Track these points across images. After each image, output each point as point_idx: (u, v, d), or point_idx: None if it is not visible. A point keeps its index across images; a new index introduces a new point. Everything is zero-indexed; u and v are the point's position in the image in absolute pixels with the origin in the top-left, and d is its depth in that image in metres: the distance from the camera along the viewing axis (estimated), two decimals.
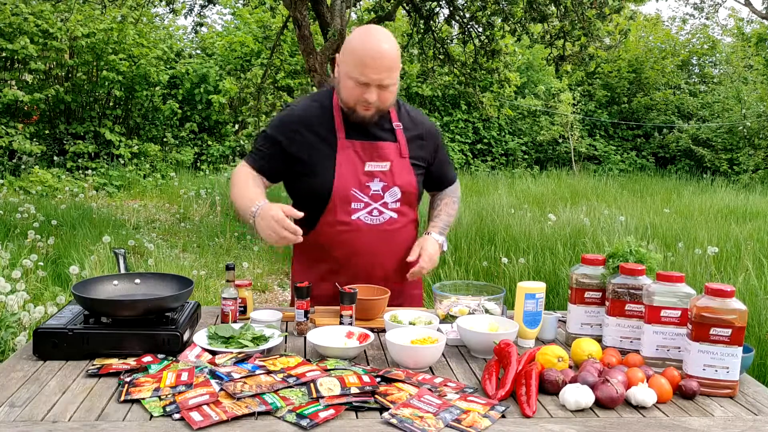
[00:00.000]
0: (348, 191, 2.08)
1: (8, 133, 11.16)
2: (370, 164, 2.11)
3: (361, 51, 1.97)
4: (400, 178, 2.14)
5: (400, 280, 2.22)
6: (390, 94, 2.03)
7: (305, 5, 7.41)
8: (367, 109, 2.03)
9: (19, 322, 3.45)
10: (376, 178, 2.12)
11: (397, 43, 2.04)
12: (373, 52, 1.96)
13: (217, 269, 6.26)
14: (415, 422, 1.36)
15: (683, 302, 1.68)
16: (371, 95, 1.99)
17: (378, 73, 1.96)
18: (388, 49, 1.97)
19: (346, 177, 2.08)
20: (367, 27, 2.05)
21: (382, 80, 1.98)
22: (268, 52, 11.35)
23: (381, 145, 2.12)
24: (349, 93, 2.02)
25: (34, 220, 7.25)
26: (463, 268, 5.58)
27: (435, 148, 2.26)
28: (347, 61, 2.00)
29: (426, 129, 2.24)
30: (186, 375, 1.55)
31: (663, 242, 6.37)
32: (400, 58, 2.03)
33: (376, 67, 1.95)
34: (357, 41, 2.00)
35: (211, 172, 13.06)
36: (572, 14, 7.75)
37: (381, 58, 1.96)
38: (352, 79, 1.99)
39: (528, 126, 15.94)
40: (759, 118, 14.70)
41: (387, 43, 1.98)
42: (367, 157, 2.10)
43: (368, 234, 2.11)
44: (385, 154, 2.12)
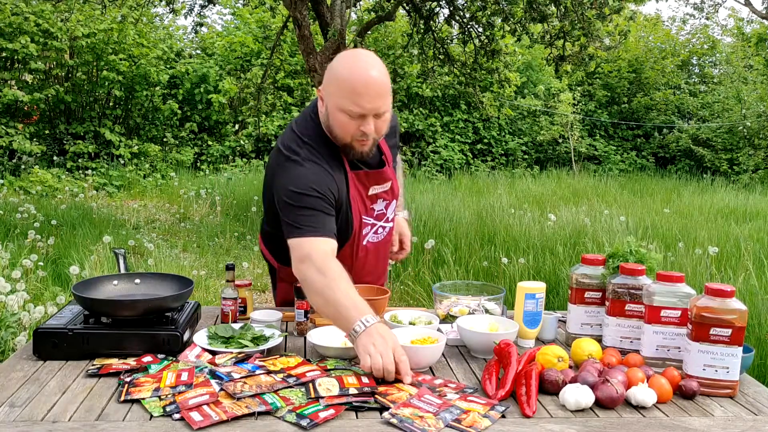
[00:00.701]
0: (361, 220, 2.00)
1: (8, 133, 11.16)
2: (374, 188, 2.02)
3: (353, 80, 1.75)
4: (395, 188, 2.11)
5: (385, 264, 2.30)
6: (385, 122, 1.84)
7: (305, 5, 7.41)
8: (363, 145, 1.84)
9: (19, 322, 3.45)
10: (379, 199, 2.05)
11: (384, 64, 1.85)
12: (365, 79, 1.74)
13: (217, 269, 6.26)
14: (415, 422, 1.36)
15: (683, 302, 1.68)
16: (368, 126, 1.79)
17: (373, 101, 1.76)
18: (378, 74, 1.76)
19: (358, 208, 1.99)
20: (351, 52, 1.84)
21: (378, 108, 1.78)
22: (268, 52, 11.35)
23: (383, 171, 2.03)
24: (343, 129, 1.81)
25: (34, 220, 7.25)
26: (463, 268, 5.58)
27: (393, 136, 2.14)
28: (337, 94, 1.78)
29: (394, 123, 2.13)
30: (186, 375, 1.55)
31: (663, 242, 6.37)
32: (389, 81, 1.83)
33: (371, 94, 1.75)
34: (344, 69, 1.78)
35: (211, 172, 13.06)
36: (572, 14, 7.75)
37: (374, 85, 1.75)
38: (345, 113, 1.78)
39: (528, 126, 15.94)
40: (759, 118, 14.70)
41: (376, 68, 1.77)
42: (370, 182, 2.00)
43: (373, 251, 2.11)
44: (386, 176, 2.05)
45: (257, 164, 13.39)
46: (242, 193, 10.01)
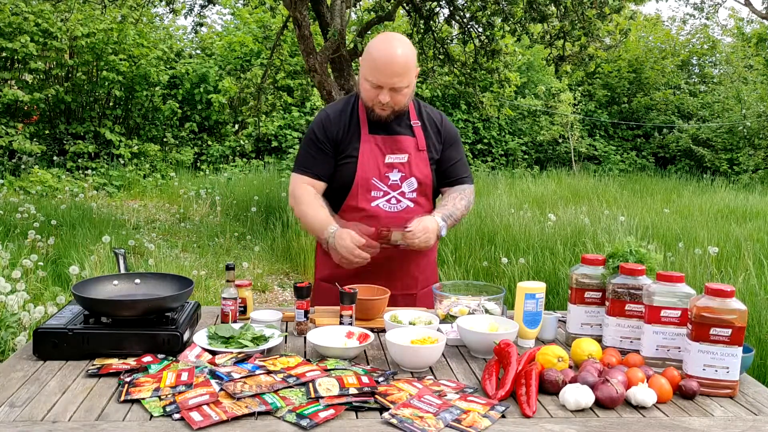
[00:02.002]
0: (369, 180, 2.25)
1: (8, 133, 11.16)
2: (390, 156, 2.27)
3: (376, 56, 2.13)
4: (417, 169, 2.29)
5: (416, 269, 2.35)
6: (402, 96, 2.19)
7: (305, 5, 7.41)
8: (383, 110, 2.20)
9: (19, 322, 3.45)
10: (395, 169, 2.28)
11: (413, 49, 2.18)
12: (387, 57, 2.12)
13: (217, 269, 6.26)
14: (415, 422, 1.36)
15: (683, 302, 1.68)
16: (384, 97, 2.15)
17: (389, 77, 2.12)
18: (401, 55, 2.12)
19: (368, 167, 2.25)
20: (386, 34, 2.23)
21: (394, 84, 2.14)
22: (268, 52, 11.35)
23: (400, 138, 2.29)
24: (366, 94, 2.21)
25: (34, 220, 7.25)
26: (463, 268, 5.58)
27: (447, 144, 2.37)
28: (365, 66, 2.18)
29: (443, 125, 2.38)
30: (186, 375, 1.55)
31: (663, 242, 6.36)
32: (414, 63, 2.17)
33: (387, 72, 2.11)
34: (374, 47, 2.16)
35: (211, 172, 13.06)
36: (572, 14, 7.75)
37: (393, 64, 2.11)
38: (368, 82, 2.17)
39: (528, 126, 15.94)
40: (759, 118, 14.70)
41: (401, 49, 2.13)
42: (387, 149, 2.27)
43: (386, 220, 2.23)
44: (404, 147, 2.28)
45: (257, 164, 13.39)
46: (242, 193, 10.01)
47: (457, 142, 2.41)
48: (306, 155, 2.31)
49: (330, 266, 2.32)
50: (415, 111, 2.34)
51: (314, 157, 2.29)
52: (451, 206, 2.32)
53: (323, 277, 2.38)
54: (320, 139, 2.28)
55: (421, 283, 2.38)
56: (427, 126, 2.34)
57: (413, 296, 2.36)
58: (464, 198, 2.38)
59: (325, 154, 2.28)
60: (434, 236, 2.20)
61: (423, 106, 2.39)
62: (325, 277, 2.36)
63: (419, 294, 2.37)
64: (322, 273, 2.40)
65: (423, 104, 2.39)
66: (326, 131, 2.28)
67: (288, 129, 14.05)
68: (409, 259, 2.32)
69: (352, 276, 2.24)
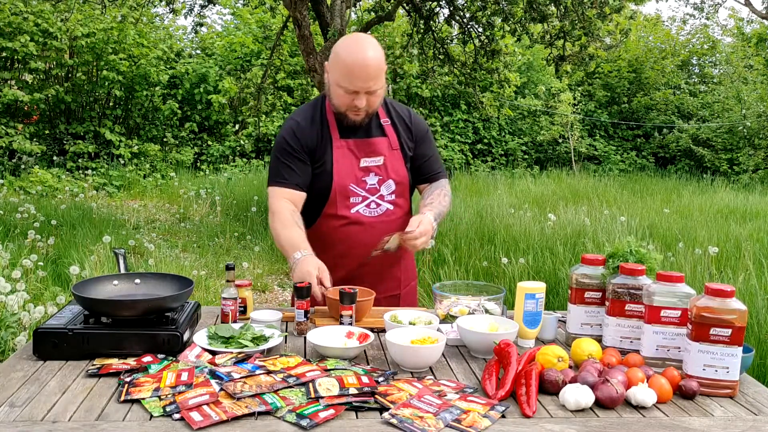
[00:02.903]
0: (346, 186, 2.21)
1: (8, 133, 11.16)
2: (365, 160, 2.23)
3: (350, 61, 2.07)
4: (393, 171, 2.26)
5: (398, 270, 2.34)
6: (377, 98, 2.15)
7: (305, 5, 7.41)
8: (357, 115, 2.15)
9: (19, 322, 3.46)
10: (371, 173, 2.24)
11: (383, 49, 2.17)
12: (361, 61, 2.06)
13: (217, 269, 6.26)
14: (415, 422, 1.36)
15: (683, 302, 1.68)
16: (360, 101, 2.11)
17: (365, 81, 2.08)
18: (373, 57, 2.08)
19: (344, 173, 2.20)
20: (353, 36, 2.17)
21: (370, 87, 2.09)
22: (268, 52, 11.35)
23: (373, 141, 2.24)
24: (339, 100, 2.14)
25: (34, 220, 7.25)
26: (463, 268, 5.58)
27: (418, 140, 2.34)
28: (336, 71, 2.11)
29: (412, 121, 2.34)
30: (186, 375, 1.55)
31: (663, 242, 6.37)
32: (384, 61, 2.14)
33: (362, 76, 2.07)
34: (344, 52, 2.09)
35: (211, 172, 13.06)
36: (572, 14, 7.75)
37: (368, 67, 2.07)
38: (342, 88, 2.10)
39: (528, 126, 15.94)
40: (759, 118, 14.69)
41: (372, 51, 2.08)
42: (361, 153, 2.23)
43: (368, 226, 2.21)
44: (378, 149, 2.25)
45: (257, 164, 13.39)
46: (242, 193, 10.00)
47: (427, 137, 2.38)
48: (281, 166, 2.21)
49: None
50: (383, 110, 2.30)
51: (290, 167, 2.20)
52: (437, 204, 2.30)
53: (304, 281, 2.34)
54: (294, 148, 2.20)
55: (403, 283, 2.38)
56: (396, 123, 2.30)
57: (397, 297, 2.36)
58: (447, 194, 2.36)
59: (301, 162, 2.20)
60: (430, 235, 2.18)
61: (390, 103, 2.35)
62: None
63: (402, 294, 2.37)
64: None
65: (390, 101, 2.36)
66: (299, 139, 2.21)
67: None
68: (393, 262, 2.31)
69: (339, 281, 2.20)
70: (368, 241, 2.21)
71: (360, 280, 2.23)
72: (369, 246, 2.21)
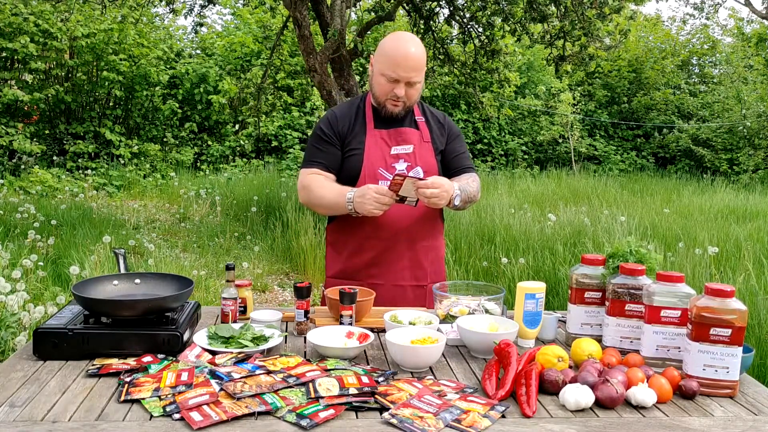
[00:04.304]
0: (375, 170, 2.32)
1: (8, 133, 11.16)
2: (395, 148, 2.36)
3: (395, 52, 2.24)
4: (422, 159, 2.37)
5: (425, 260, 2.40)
6: (416, 91, 2.31)
7: (305, 5, 7.41)
8: (395, 105, 2.30)
9: (19, 322, 3.45)
10: (401, 159, 2.35)
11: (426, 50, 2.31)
12: (404, 53, 2.24)
13: (217, 269, 6.26)
14: (415, 422, 1.36)
15: (683, 302, 1.68)
16: (400, 90, 2.26)
17: (407, 71, 2.23)
18: (416, 52, 2.25)
19: (374, 158, 2.33)
20: (399, 33, 2.35)
21: (411, 78, 2.25)
22: (268, 52, 11.34)
23: (404, 130, 2.38)
24: (381, 89, 2.29)
25: (34, 220, 7.25)
26: (463, 268, 5.58)
27: (450, 138, 2.47)
28: (381, 61, 2.28)
29: (445, 122, 2.49)
30: (186, 375, 1.55)
31: (663, 242, 6.37)
32: (426, 59, 2.31)
33: (405, 66, 2.23)
34: (390, 44, 2.28)
35: (211, 172, 13.06)
36: (572, 14, 7.75)
37: (411, 58, 2.23)
38: (385, 77, 2.26)
39: (528, 126, 15.94)
40: (759, 118, 14.69)
41: (416, 47, 2.26)
42: (392, 142, 2.36)
43: (394, 209, 2.24)
44: (409, 138, 2.37)
45: (257, 164, 13.39)
46: (242, 193, 10.00)
47: (460, 138, 2.50)
48: (313, 150, 2.38)
49: (340, 262, 2.40)
50: (419, 109, 2.44)
51: (321, 150, 2.35)
52: (464, 182, 2.37)
53: (334, 274, 2.42)
54: (327, 134, 2.36)
55: (431, 276, 2.42)
56: (430, 122, 2.44)
57: (423, 288, 2.40)
58: (475, 181, 2.44)
59: (332, 146, 2.35)
60: (447, 196, 2.20)
61: (426, 106, 2.49)
62: (336, 273, 2.42)
63: (429, 287, 2.39)
64: (332, 269, 2.44)
65: (425, 105, 2.50)
66: (333, 127, 2.36)
67: (288, 129, 14.05)
68: (416, 247, 2.37)
69: (363, 268, 2.33)
70: (394, 221, 2.31)
71: (386, 265, 2.33)
72: (394, 227, 2.32)
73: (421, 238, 2.38)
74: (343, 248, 2.40)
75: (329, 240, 2.49)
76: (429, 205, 2.21)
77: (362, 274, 2.35)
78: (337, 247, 2.43)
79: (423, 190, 2.14)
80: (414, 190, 2.14)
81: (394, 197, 2.16)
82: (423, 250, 2.39)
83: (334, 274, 2.43)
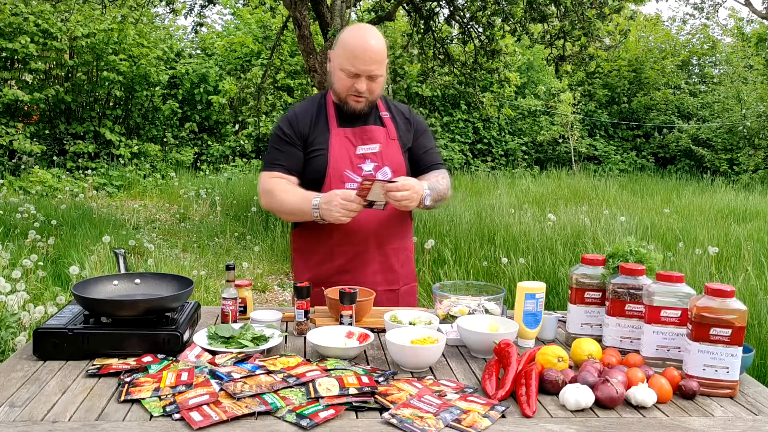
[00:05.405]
0: (341, 172, 2.23)
1: (8, 133, 11.16)
2: (361, 147, 2.26)
3: (353, 45, 2.15)
4: (389, 158, 2.28)
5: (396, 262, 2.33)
6: (377, 85, 2.21)
7: (305, 5, 7.41)
8: (357, 101, 2.21)
9: (19, 322, 3.45)
10: (367, 159, 2.26)
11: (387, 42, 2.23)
12: (364, 45, 2.14)
13: (217, 269, 6.26)
14: (415, 422, 1.36)
15: (683, 302, 1.68)
16: (361, 85, 2.17)
17: (367, 64, 2.14)
18: (376, 44, 2.16)
19: (339, 158, 2.23)
20: (357, 25, 2.29)
21: (372, 71, 2.16)
22: (268, 52, 11.35)
23: (370, 128, 2.28)
24: (341, 84, 2.20)
25: (34, 220, 7.25)
26: (463, 268, 5.58)
27: (417, 133, 2.38)
28: (339, 55, 2.18)
29: (411, 117, 2.40)
30: (186, 375, 1.55)
31: (663, 242, 6.37)
32: (386, 52, 2.21)
33: (365, 59, 2.14)
34: (349, 37, 2.19)
35: (211, 172, 13.06)
36: (572, 14, 7.75)
37: (371, 51, 2.14)
38: (344, 71, 2.16)
39: (528, 126, 15.94)
40: (759, 118, 14.70)
41: (375, 39, 2.17)
42: (358, 141, 2.26)
43: (362, 212, 2.12)
44: (375, 136, 2.28)
45: (257, 164, 13.38)
46: (242, 193, 10.00)
47: (427, 132, 2.41)
48: (273, 152, 2.27)
49: (309, 269, 2.30)
50: (383, 104, 2.34)
51: (282, 152, 2.25)
52: (433, 180, 2.28)
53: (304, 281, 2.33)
54: (287, 134, 2.26)
55: (402, 279, 2.36)
56: (396, 117, 2.34)
57: (395, 292, 2.34)
58: (445, 178, 2.35)
59: (293, 147, 2.25)
60: (417, 198, 2.12)
61: (390, 101, 2.40)
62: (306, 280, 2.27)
63: (401, 291, 2.34)
64: (302, 278, 2.34)
65: (390, 99, 2.40)
66: (293, 127, 2.26)
67: None
68: (387, 250, 2.29)
69: (334, 275, 2.24)
70: (363, 225, 2.21)
71: (358, 270, 2.24)
72: (364, 231, 2.23)
73: (392, 240, 2.30)
74: (312, 255, 2.31)
75: (295, 246, 2.38)
76: (399, 208, 2.13)
77: (333, 281, 2.23)
78: (304, 254, 2.34)
79: (393, 193, 2.05)
80: (383, 193, 2.05)
81: (362, 203, 2.06)
82: (393, 252, 2.32)
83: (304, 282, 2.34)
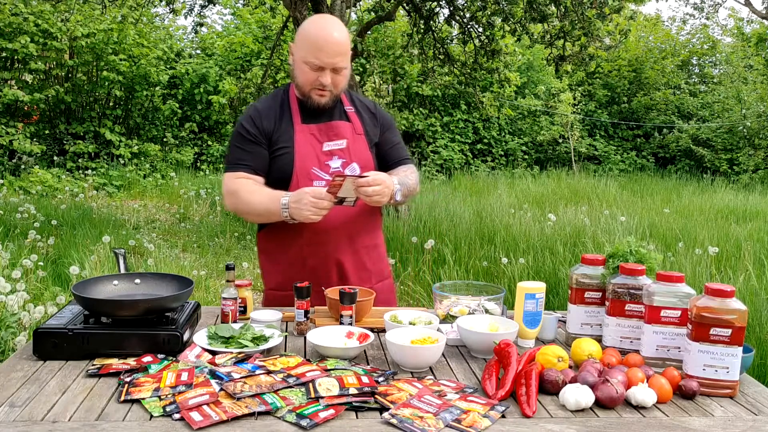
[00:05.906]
0: (308, 170, 2.16)
1: (8, 133, 11.16)
2: (327, 144, 2.20)
3: (316, 37, 2.08)
4: (357, 155, 2.22)
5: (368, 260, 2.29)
6: (342, 78, 2.14)
7: (305, 5, 7.41)
8: (321, 95, 2.14)
9: (19, 322, 3.45)
10: (335, 156, 2.20)
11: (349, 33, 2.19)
12: (327, 37, 2.07)
13: (217, 269, 6.26)
14: (415, 422, 1.36)
15: (683, 302, 1.68)
16: (325, 78, 2.09)
17: (331, 56, 2.07)
18: (339, 36, 2.09)
19: (305, 156, 2.16)
20: (319, 16, 2.21)
21: (336, 63, 2.09)
22: (268, 52, 11.34)
23: (336, 124, 2.22)
24: (304, 78, 2.12)
25: (34, 220, 7.25)
26: (463, 268, 5.58)
27: (383, 128, 2.33)
28: (302, 47, 2.11)
29: (377, 111, 2.34)
30: (186, 375, 1.55)
31: (663, 242, 6.37)
32: (350, 44, 2.15)
33: (329, 51, 2.07)
34: (311, 28, 2.11)
35: (211, 172, 13.06)
36: (572, 14, 7.75)
37: (334, 43, 2.07)
38: (308, 64, 2.09)
39: (528, 126, 15.94)
40: (759, 118, 14.70)
41: (338, 30, 2.10)
42: (323, 137, 2.20)
43: (333, 210, 2.06)
44: (341, 132, 2.22)
45: None
46: None
47: (393, 127, 2.36)
48: (237, 151, 2.18)
49: (279, 273, 2.25)
50: (347, 98, 2.28)
51: (246, 151, 2.16)
52: (402, 175, 2.23)
53: (275, 287, 2.28)
54: (251, 132, 2.17)
55: (376, 277, 2.32)
56: (361, 112, 2.28)
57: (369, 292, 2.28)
58: (414, 173, 2.31)
59: (257, 145, 2.16)
60: (389, 192, 2.08)
61: (354, 94, 2.33)
62: (277, 286, 2.27)
63: (375, 288, 2.27)
64: (270, 283, 2.30)
65: (354, 93, 2.34)
66: (256, 124, 2.17)
67: None
68: (358, 248, 2.25)
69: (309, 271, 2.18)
70: (333, 224, 2.15)
71: (329, 273, 2.21)
72: (334, 229, 2.17)
73: (362, 238, 2.25)
74: (281, 257, 2.23)
75: (262, 248, 2.31)
76: (370, 204, 2.07)
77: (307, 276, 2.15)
78: (273, 257, 2.26)
79: (364, 188, 2.00)
80: (354, 189, 2.00)
81: (333, 200, 2.02)
82: (365, 250, 2.28)
83: (275, 287, 2.27)
